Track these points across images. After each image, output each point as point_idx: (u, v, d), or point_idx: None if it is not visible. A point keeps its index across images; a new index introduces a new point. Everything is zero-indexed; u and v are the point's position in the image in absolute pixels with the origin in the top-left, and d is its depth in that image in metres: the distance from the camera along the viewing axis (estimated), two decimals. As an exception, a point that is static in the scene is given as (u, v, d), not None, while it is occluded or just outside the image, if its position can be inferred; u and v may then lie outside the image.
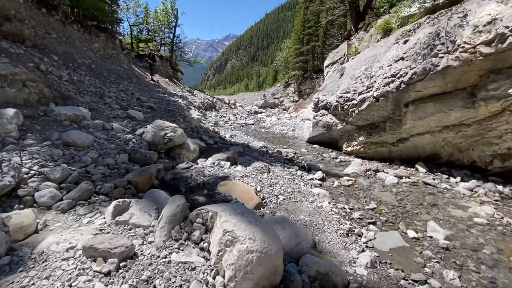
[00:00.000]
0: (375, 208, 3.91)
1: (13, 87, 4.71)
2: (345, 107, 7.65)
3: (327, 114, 8.81)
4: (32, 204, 2.57)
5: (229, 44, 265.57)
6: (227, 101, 25.16)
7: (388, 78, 6.08)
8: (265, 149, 7.84)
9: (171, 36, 24.34)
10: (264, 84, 74.80)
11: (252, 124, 15.87)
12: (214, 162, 4.76)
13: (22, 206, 2.50)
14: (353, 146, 7.91)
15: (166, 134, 4.71)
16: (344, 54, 10.96)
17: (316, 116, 9.33)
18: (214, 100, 21.75)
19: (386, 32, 8.20)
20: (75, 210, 2.64)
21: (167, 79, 19.19)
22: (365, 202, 4.14)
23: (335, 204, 3.88)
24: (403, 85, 5.72)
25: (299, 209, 3.42)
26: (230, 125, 14.34)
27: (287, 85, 35.26)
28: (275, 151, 7.59)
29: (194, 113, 9.59)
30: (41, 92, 5.24)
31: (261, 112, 25.30)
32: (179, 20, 23.82)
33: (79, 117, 4.97)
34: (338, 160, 7.18)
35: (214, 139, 7.51)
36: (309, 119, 10.63)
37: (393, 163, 6.86)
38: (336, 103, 8.05)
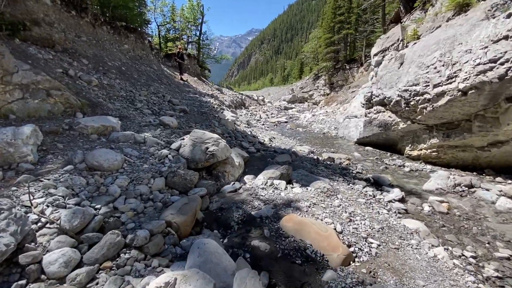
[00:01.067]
0: (511, 256, 2.68)
1: (36, 97, 4.10)
2: (412, 103, 6.25)
3: (384, 111, 7.42)
4: (38, 275, 1.77)
5: (252, 38, 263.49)
6: (256, 98, 24.18)
7: (484, 64, 4.62)
8: (313, 155, 6.73)
9: (198, 33, 23.81)
10: (290, 77, 72.64)
11: (286, 122, 14.74)
12: (266, 182, 3.79)
13: (24, 279, 1.71)
14: (421, 150, 6.49)
15: (207, 148, 3.82)
16: (398, 39, 9.36)
17: (368, 113, 7.96)
18: (243, 97, 20.87)
19: (462, 7, 6.57)
20: (97, 283, 1.80)
21: (195, 78, 18.65)
22: (488, 243, 2.91)
23: (448, 249, 2.71)
24: (510, 73, 4.26)
25: (409, 266, 2.31)
26: (263, 124, 13.35)
27: (317, 77, 33.38)
28: (326, 157, 6.45)
29: (228, 115, 8.72)
30: (67, 101, 4.62)
31: (291, 108, 24.01)
32: (205, 16, 23.12)
33: (108, 128, 4.27)
34: (407, 169, 5.86)
35: (255, 145, 6.54)
36: (355, 116, 9.26)
37: (482, 172, 5.39)
38: (398, 98, 6.65)
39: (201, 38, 23.80)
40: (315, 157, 6.31)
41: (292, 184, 3.97)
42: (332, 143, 8.99)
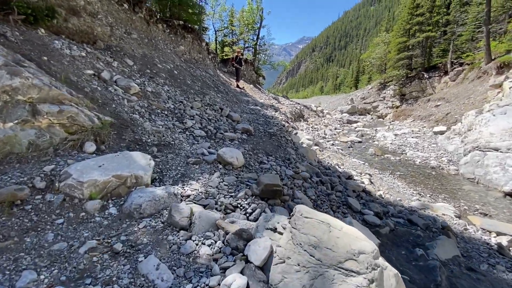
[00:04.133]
0: None
1: (7, 118, 2.18)
2: None
3: None
4: None
5: (303, 46, 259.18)
6: (314, 109, 21.32)
7: None
8: (467, 225, 3.80)
9: (255, 38, 22.07)
10: (342, 86, 67.57)
11: (360, 142, 11.66)
12: None
13: None
14: None
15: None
16: None
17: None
18: (301, 107, 18.26)
19: None
20: None
21: (251, 85, 16.73)
22: None
23: None
24: None
25: None
26: (333, 144, 10.55)
27: (383, 87, 28.99)
28: (474, 232, 3.48)
29: (303, 137, 6.22)
30: (73, 121, 2.66)
31: (355, 122, 20.50)
32: (264, 20, 21.31)
33: (127, 181, 2.14)
34: None
35: (369, 206, 3.88)
36: (497, 150, 5.91)
37: None
38: None
39: (258, 43, 22.03)
40: (492, 242, 3.37)
41: None
42: (460, 189, 5.80)
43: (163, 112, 4.64)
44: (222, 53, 20.12)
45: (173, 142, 3.71)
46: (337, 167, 5.49)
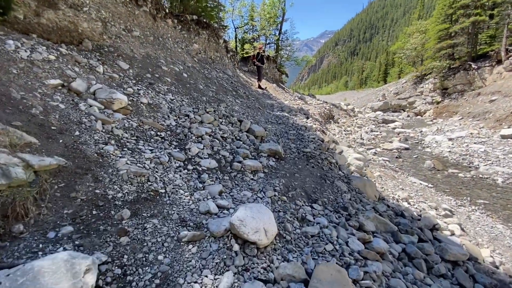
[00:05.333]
0: None
1: None
2: None
3: None
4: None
5: (325, 41, 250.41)
6: (345, 108, 19.20)
7: None
8: None
9: (277, 33, 20.35)
10: (369, 80, 63.37)
11: (408, 149, 9.65)
12: None
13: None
14: None
15: None
16: None
17: None
18: (330, 107, 16.33)
19: None
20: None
21: (274, 85, 15.14)
22: None
23: None
24: None
25: None
26: (376, 154, 8.70)
27: (419, 80, 25.95)
28: None
29: (351, 157, 4.57)
30: None
31: (392, 121, 18.09)
32: (286, 13, 19.54)
33: None
34: None
35: None
36: None
37: None
38: None
39: (280, 38, 20.30)
40: None
41: None
42: None
43: (158, 134, 3.27)
44: (243, 51, 18.72)
45: (163, 191, 2.31)
46: (406, 204, 3.81)
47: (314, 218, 2.48)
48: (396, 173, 6.31)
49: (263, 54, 12.26)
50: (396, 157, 8.38)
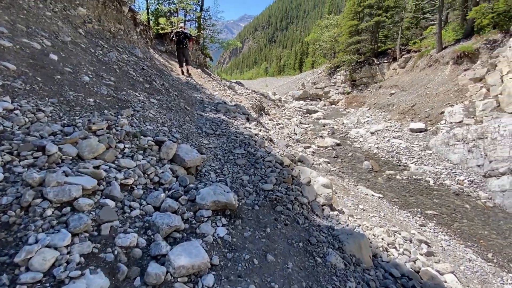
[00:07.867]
0: None
1: None
2: None
3: None
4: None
5: (244, 25, 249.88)
6: (273, 97, 18.69)
7: None
8: None
9: (199, 9, 17.63)
10: (286, 68, 66.71)
11: (339, 145, 9.59)
12: None
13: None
14: None
15: None
16: None
17: None
18: (260, 98, 15.40)
19: None
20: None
21: (199, 70, 12.93)
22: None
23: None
24: None
25: None
26: (314, 154, 8.16)
27: (332, 72, 28.07)
28: None
29: (318, 183, 3.45)
30: None
31: (314, 112, 18.74)
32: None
33: None
34: None
35: None
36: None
37: None
38: None
39: (202, 16, 17.70)
40: None
41: None
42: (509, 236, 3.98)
43: None
44: (157, 26, 15.34)
45: None
46: (394, 251, 2.95)
47: None
48: (343, 180, 5.72)
49: (189, 34, 9.77)
50: (334, 157, 8.05)
